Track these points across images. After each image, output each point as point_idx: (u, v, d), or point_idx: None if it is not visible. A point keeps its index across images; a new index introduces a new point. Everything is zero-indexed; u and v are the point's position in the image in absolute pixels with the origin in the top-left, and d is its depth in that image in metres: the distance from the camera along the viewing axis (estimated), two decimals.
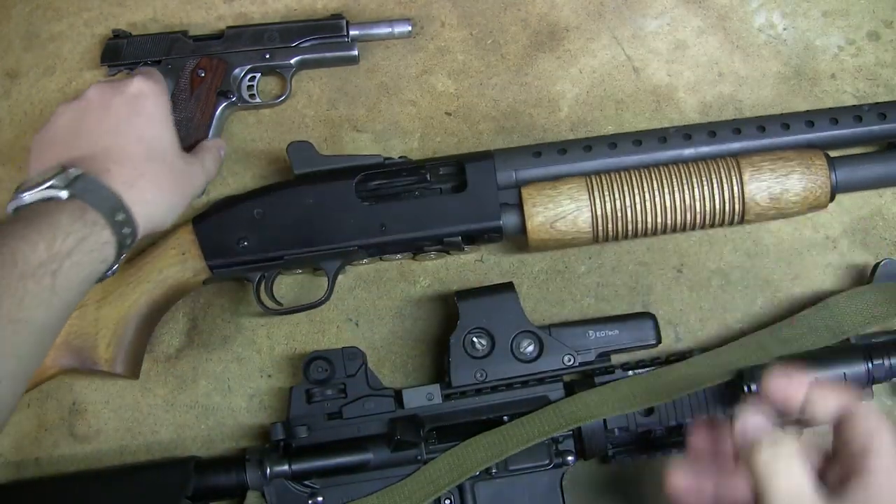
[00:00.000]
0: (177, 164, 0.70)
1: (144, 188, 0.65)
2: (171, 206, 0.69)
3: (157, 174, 0.67)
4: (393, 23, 0.85)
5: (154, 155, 0.67)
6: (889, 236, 0.82)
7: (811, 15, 0.87)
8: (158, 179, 0.67)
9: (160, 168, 0.67)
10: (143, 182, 0.65)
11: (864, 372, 0.70)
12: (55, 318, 0.59)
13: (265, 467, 0.72)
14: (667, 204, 0.74)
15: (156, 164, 0.67)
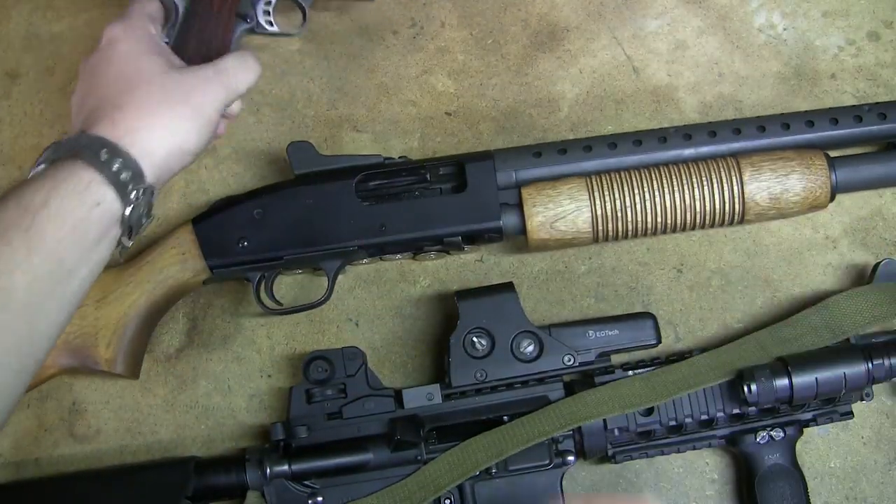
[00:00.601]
0: (169, 80, 0.65)
1: (138, 123, 0.62)
2: (179, 125, 0.64)
3: (145, 101, 0.63)
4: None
5: (133, 85, 0.64)
6: (889, 236, 0.82)
7: (811, 15, 0.87)
8: (150, 105, 0.63)
9: (146, 94, 0.64)
10: (134, 118, 0.62)
11: (864, 372, 0.70)
12: (41, 283, 0.55)
13: (265, 467, 0.72)
14: (667, 204, 0.74)
15: (140, 92, 0.63)
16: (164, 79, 0.65)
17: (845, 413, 0.74)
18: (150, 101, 0.63)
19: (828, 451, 0.78)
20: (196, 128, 0.65)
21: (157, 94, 0.64)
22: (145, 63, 0.66)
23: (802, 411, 0.73)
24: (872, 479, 0.78)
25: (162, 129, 0.63)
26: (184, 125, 0.64)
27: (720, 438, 0.74)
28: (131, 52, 0.67)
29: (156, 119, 0.63)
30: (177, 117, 0.64)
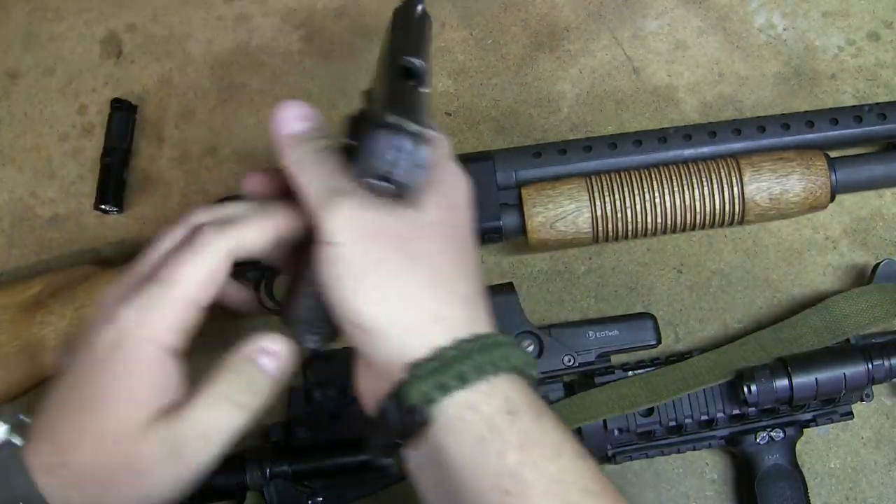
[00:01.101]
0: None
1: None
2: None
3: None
4: None
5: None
6: (889, 236, 0.82)
7: (811, 15, 0.87)
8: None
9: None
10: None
11: (863, 372, 0.70)
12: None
13: (265, 468, 0.72)
14: (667, 204, 0.74)
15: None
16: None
17: (845, 413, 0.74)
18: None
19: (828, 451, 0.78)
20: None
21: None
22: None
23: (802, 412, 0.73)
24: (872, 479, 0.78)
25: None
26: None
27: (720, 439, 0.74)
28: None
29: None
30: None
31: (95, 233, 0.84)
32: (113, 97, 0.85)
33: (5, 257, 0.84)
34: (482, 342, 0.46)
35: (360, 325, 0.46)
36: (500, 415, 0.44)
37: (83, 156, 0.86)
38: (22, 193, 0.85)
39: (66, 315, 0.75)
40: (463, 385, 0.44)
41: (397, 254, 0.46)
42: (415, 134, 0.45)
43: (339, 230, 0.47)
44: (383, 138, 0.45)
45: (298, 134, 0.52)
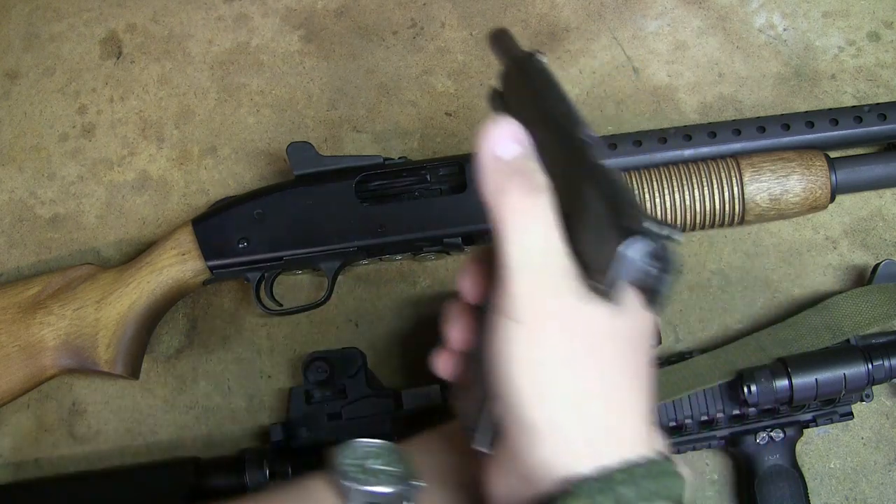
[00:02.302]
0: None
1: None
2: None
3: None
4: None
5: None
6: (889, 237, 0.82)
7: (811, 16, 0.87)
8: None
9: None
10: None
11: (863, 373, 0.70)
12: None
13: (265, 468, 0.72)
14: (667, 205, 0.74)
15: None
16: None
17: (845, 414, 0.74)
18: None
19: (828, 451, 0.78)
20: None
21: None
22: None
23: (802, 412, 0.73)
24: (872, 479, 0.78)
25: None
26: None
27: (720, 439, 0.74)
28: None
29: None
30: None
31: (95, 233, 0.84)
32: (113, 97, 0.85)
33: (5, 257, 0.84)
34: (652, 469, 0.41)
35: (525, 420, 0.41)
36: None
37: (83, 156, 0.86)
38: (22, 193, 0.85)
39: (66, 315, 0.75)
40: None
41: (589, 353, 0.41)
42: (667, 237, 0.39)
43: (532, 310, 0.41)
44: (637, 244, 0.39)
45: (516, 163, 0.44)
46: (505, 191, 0.43)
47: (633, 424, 0.42)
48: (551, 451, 0.40)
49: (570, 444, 0.40)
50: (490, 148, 0.44)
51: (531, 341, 0.41)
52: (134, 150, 0.86)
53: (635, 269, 0.39)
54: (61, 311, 0.75)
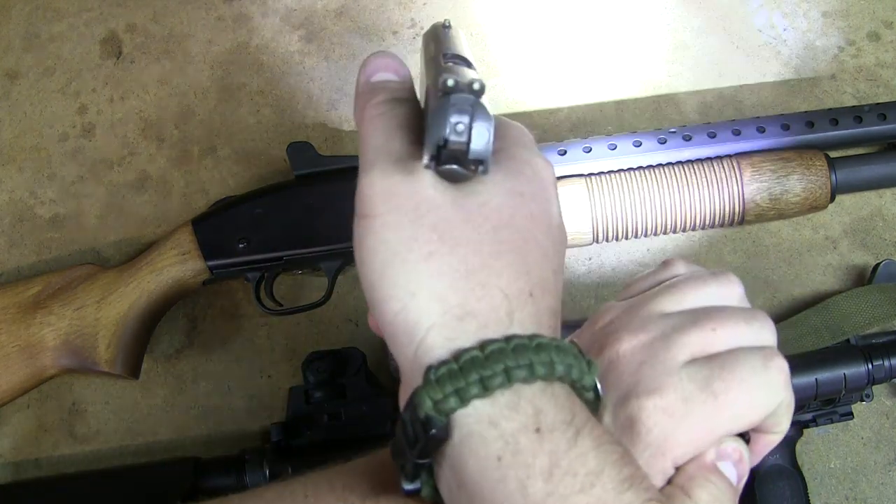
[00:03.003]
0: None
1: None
2: None
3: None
4: None
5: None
6: (889, 237, 0.82)
7: (811, 15, 0.87)
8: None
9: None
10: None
11: (863, 373, 0.70)
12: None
13: (265, 468, 0.72)
14: (667, 205, 0.74)
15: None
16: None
17: (845, 414, 0.74)
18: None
19: (827, 451, 0.78)
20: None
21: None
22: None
23: (802, 412, 0.73)
24: (872, 479, 0.78)
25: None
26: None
27: None
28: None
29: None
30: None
31: (95, 233, 0.84)
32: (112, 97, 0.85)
33: (5, 257, 0.84)
34: (517, 343, 0.38)
35: (385, 317, 0.40)
36: (525, 433, 0.37)
37: (83, 156, 0.86)
38: (22, 193, 0.85)
39: (66, 315, 0.75)
40: (484, 394, 0.37)
41: (433, 233, 0.39)
42: (469, 87, 0.40)
43: (374, 198, 0.41)
44: (447, 102, 0.39)
45: (378, 83, 0.46)
46: (364, 106, 0.44)
47: (498, 303, 0.39)
48: (415, 347, 0.39)
49: (428, 335, 0.38)
50: (365, 76, 0.46)
51: (378, 229, 0.40)
52: (134, 150, 0.86)
53: (447, 128, 0.39)
54: (61, 310, 0.75)
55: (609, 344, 0.47)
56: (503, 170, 0.43)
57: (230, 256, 0.75)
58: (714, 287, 0.49)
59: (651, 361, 0.45)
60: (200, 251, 0.75)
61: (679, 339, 0.46)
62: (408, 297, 0.39)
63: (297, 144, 0.77)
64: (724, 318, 0.47)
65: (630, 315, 0.48)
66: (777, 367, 0.46)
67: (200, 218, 0.77)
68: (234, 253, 0.75)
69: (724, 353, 0.45)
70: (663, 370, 0.45)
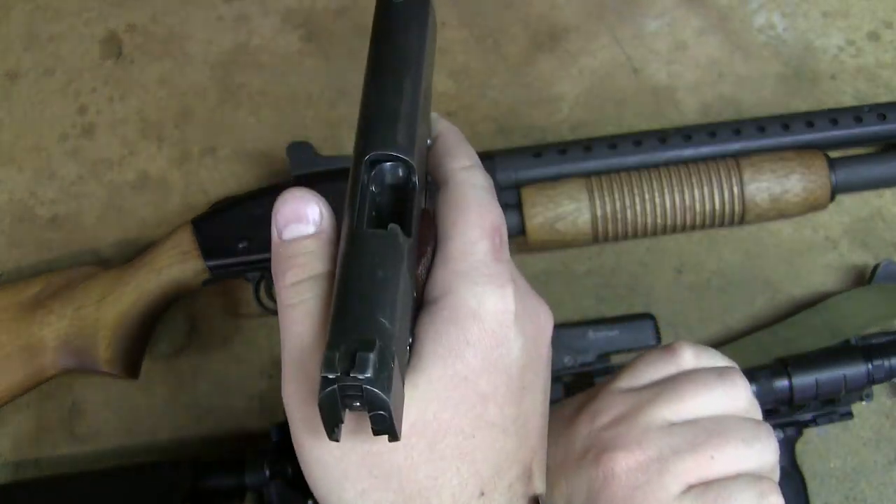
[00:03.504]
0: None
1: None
2: None
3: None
4: None
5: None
6: (889, 237, 0.82)
7: (811, 16, 0.87)
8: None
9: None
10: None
11: (863, 373, 0.70)
12: None
13: (265, 469, 0.72)
14: (667, 205, 0.74)
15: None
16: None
17: (845, 414, 0.74)
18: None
19: (827, 451, 0.78)
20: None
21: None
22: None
23: (802, 412, 0.73)
24: (872, 479, 0.78)
25: None
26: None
27: None
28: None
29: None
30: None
31: (95, 233, 0.84)
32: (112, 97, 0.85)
33: (5, 257, 0.84)
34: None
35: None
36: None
37: (83, 156, 0.86)
38: (22, 193, 0.85)
39: (66, 315, 0.75)
40: None
41: (362, 469, 0.39)
42: (367, 381, 0.34)
43: (298, 433, 0.40)
44: (333, 396, 0.34)
45: (291, 244, 0.42)
46: (279, 276, 0.42)
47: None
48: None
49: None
50: (277, 228, 0.42)
51: (310, 467, 0.39)
52: (134, 150, 0.86)
53: (342, 415, 0.34)
54: (61, 310, 0.75)
55: (605, 460, 0.46)
56: (440, 358, 0.39)
57: (230, 256, 0.75)
58: (719, 392, 0.47)
59: (645, 488, 0.45)
60: (200, 251, 0.75)
61: (675, 467, 0.45)
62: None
63: (297, 144, 0.77)
64: (724, 444, 0.46)
65: (629, 423, 0.47)
66: (773, 501, 0.45)
67: (200, 218, 0.77)
68: (234, 253, 0.75)
69: (720, 484, 0.45)
70: (655, 501, 0.44)
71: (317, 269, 0.41)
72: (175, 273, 0.75)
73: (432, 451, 0.38)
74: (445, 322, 0.39)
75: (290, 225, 0.42)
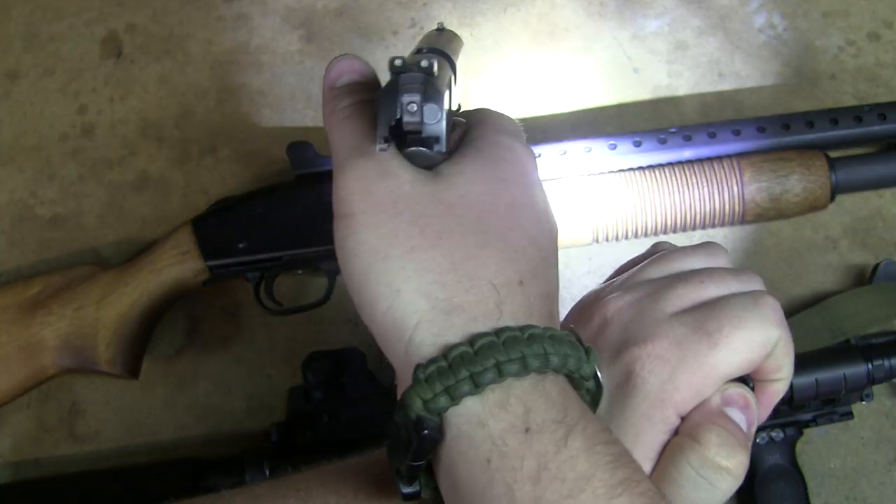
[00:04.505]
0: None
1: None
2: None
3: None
4: None
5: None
6: (889, 237, 0.82)
7: (811, 15, 0.87)
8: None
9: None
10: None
11: (864, 372, 0.70)
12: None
13: (265, 469, 0.72)
14: (667, 205, 0.74)
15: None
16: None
17: (845, 414, 0.74)
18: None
19: (827, 451, 0.78)
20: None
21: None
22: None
23: (802, 412, 0.73)
24: (872, 479, 0.78)
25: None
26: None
27: None
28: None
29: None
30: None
31: (95, 233, 0.84)
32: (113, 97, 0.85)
33: (5, 257, 0.84)
34: (507, 336, 0.36)
35: (373, 319, 0.39)
36: (514, 433, 0.35)
37: (83, 156, 0.86)
38: (22, 193, 0.85)
39: (66, 315, 0.75)
40: (475, 391, 0.35)
41: (413, 228, 0.38)
42: (426, 71, 0.38)
43: (350, 197, 0.40)
44: (396, 85, 0.38)
45: (343, 86, 0.45)
46: (332, 111, 0.44)
47: (486, 295, 0.38)
48: (404, 346, 0.37)
49: (416, 333, 0.37)
50: (329, 81, 0.45)
51: (357, 229, 0.39)
52: (134, 150, 0.86)
53: (398, 108, 0.38)
54: (61, 310, 0.75)
55: (596, 311, 0.46)
56: (483, 157, 0.42)
57: (230, 256, 0.75)
58: (701, 254, 0.49)
59: (639, 317, 0.45)
60: (200, 251, 0.75)
61: (667, 293, 0.45)
62: (393, 294, 0.38)
63: (297, 144, 0.77)
64: (712, 272, 0.47)
65: (615, 285, 0.48)
66: (769, 304, 0.45)
67: (200, 218, 0.77)
68: (234, 253, 0.75)
69: (713, 299, 0.45)
70: (653, 321, 0.44)
71: (367, 95, 0.44)
72: (175, 273, 0.75)
73: (480, 224, 0.39)
74: (486, 139, 0.44)
75: (344, 75, 0.45)
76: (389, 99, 0.39)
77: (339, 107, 0.43)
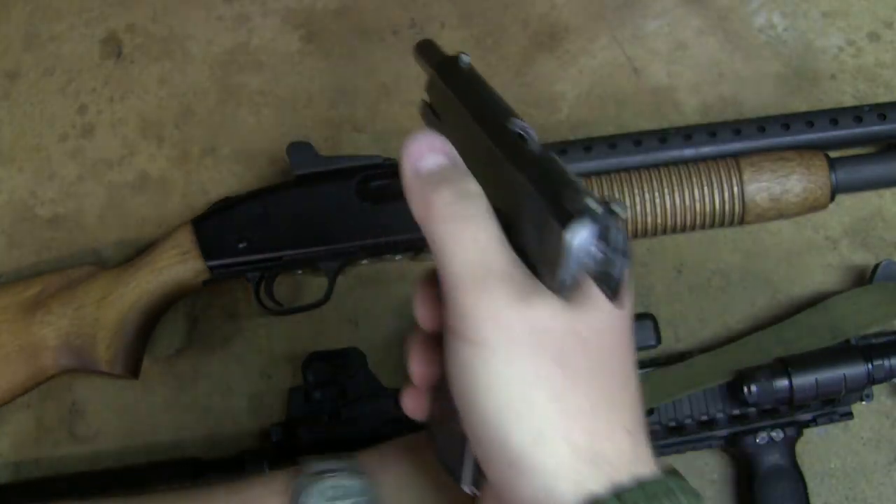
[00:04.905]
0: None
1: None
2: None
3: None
4: None
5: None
6: (889, 237, 0.82)
7: (811, 15, 0.87)
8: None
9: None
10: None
11: (864, 372, 0.70)
12: None
13: (265, 469, 0.72)
14: (667, 205, 0.74)
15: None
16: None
17: (845, 414, 0.74)
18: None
19: (827, 451, 0.78)
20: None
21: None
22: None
23: (802, 412, 0.73)
24: (872, 479, 0.78)
25: None
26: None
27: (720, 439, 0.74)
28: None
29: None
30: None
31: (95, 233, 0.84)
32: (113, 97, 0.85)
33: (5, 257, 0.84)
34: (648, 492, 0.36)
35: (503, 456, 0.37)
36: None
37: (83, 156, 0.86)
38: (22, 193, 0.85)
39: (66, 315, 0.75)
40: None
41: (556, 369, 0.37)
42: (611, 213, 0.35)
43: (481, 324, 0.37)
44: (583, 229, 0.35)
45: (433, 173, 0.41)
46: (431, 204, 0.40)
47: (624, 444, 0.37)
48: (536, 489, 0.36)
49: (554, 479, 0.36)
50: (411, 165, 0.41)
51: (492, 361, 0.37)
52: (134, 150, 0.86)
53: (585, 255, 0.35)
54: (61, 310, 0.75)
55: None
56: (597, 311, 0.39)
57: (230, 256, 0.75)
58: None
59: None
60: (200, 251, 0.75)
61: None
62: (534, 436, 0.36)
63: (297, 144, 0.77)
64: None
65: None
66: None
67: (200, 218, 0.77)
68: (234, 253, 0.75)
69: None
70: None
71: (464, 186, 0.40)
72: (175, 273, 0.75)
73: (610, 363, 0.38)
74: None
75: (426, 156, 0.42)
76: (579, 249, 0.35)
77: (441, 202, 0.40)
